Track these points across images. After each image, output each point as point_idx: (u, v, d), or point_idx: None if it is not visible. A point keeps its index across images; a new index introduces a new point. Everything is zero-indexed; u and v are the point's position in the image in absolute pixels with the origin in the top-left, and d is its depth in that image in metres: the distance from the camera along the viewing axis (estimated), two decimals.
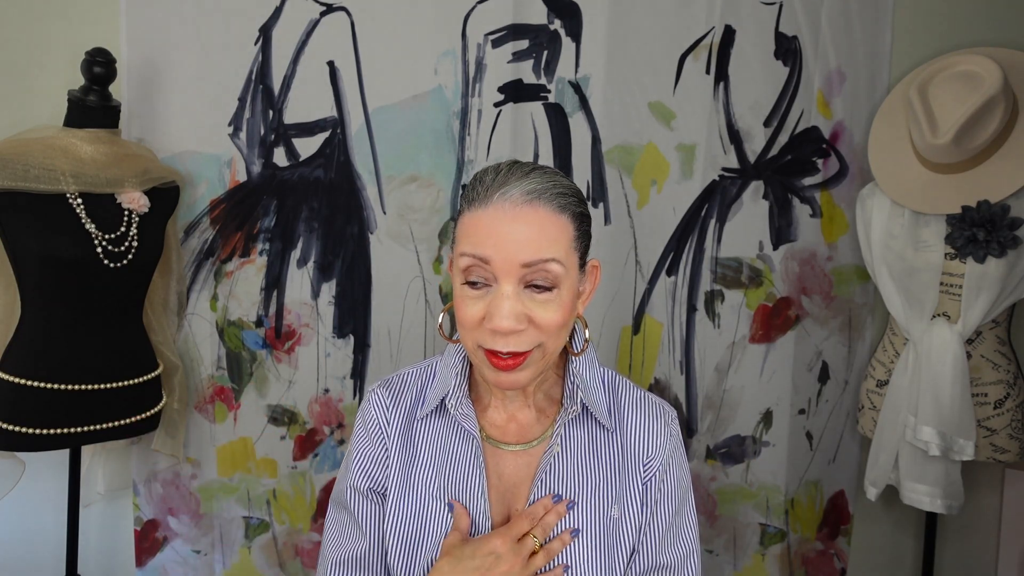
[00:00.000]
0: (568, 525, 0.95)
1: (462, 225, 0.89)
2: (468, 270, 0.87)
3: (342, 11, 1.75)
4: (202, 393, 1.82)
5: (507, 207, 0.86)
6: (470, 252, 0.87)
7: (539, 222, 0.86)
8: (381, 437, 1.01)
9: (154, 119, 1.74)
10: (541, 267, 0.86)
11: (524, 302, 0.86)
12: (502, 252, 0.85)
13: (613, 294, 1.82)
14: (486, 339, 0.87)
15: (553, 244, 0.86)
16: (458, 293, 0.90)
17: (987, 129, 1.51)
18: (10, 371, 1.48)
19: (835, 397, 1.87)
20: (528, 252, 0.85)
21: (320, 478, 1.86)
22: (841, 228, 1.82)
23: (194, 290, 1.80)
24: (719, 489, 1.88)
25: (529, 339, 0.87)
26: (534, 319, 0.87)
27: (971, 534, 1.84)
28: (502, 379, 0.90)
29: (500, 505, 0.98)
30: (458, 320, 0.90)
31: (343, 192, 1.79)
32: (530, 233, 0.85)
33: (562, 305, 0.88)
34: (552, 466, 0.97)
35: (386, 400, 1.02)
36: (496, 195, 0.86)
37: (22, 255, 1.47)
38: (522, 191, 0.86)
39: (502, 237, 0.85)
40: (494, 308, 0.86)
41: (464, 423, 0.98)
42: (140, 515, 1.84)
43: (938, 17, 1.75)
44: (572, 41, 1.77)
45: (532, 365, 0.90)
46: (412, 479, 0.99)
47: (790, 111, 1.79)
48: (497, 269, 0.86)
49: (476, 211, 0.87)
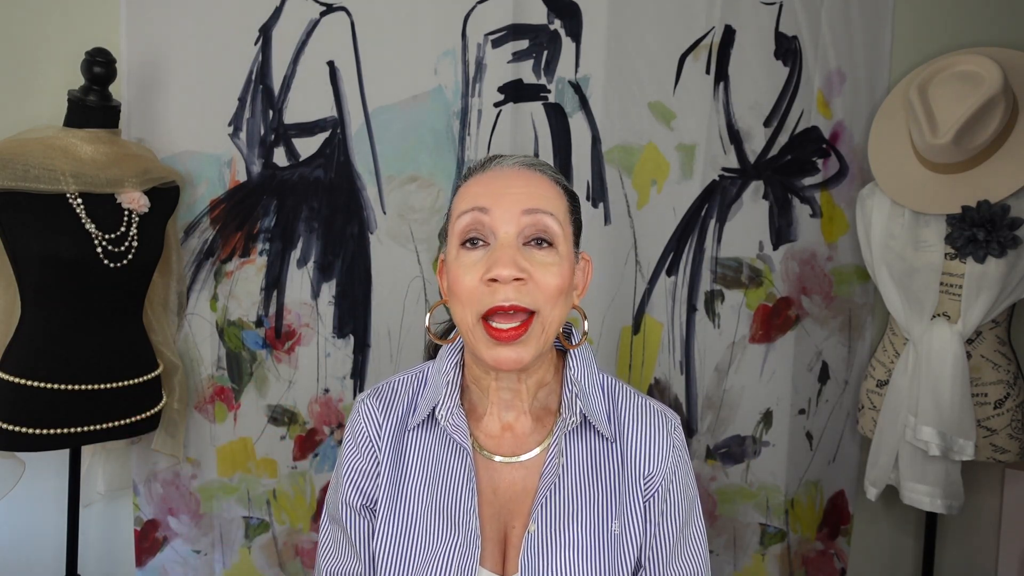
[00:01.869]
0: (568, 541, 0.91)
1: (458, 196, 0.91)
2: (468, 230, 0.87)
3: (342, 11, 1.75)
4: (202, 393, 1.82)
5: (505, 170, 0.91)
6: (468, 207, 0.88)
7: (536, 182, 0.90)
8: (372, 451, 0.96)
9: (154, 119, 1.74)
10: (540, 217, 0.87)
11: (524, 256, 0.86)
12: (501, 201, 0.87)
13: (613, 294, 1.82)
14: (485, 300, 0.85)
15: (551, 202, 0.89)
16: (455, 263, 0.88)
17: (987, 129, 1.51)
18: (10, 371, 1.48)
19: (835, 397, 1.87)
20: (527, 200, 0.87)
21: (320, 478, 1.86)
22: (841, 228, 1.82)
23: (194, 290, 1.80)
24: (719, 489, 1.88)
25: (530, 296, 0.85)
26: (533, 275, 0.85)
27: (971, 534, 1.84)
28: (502, 355, 0.85)
29: (495, 521, 0.93)
30: (454, 293, 0.88)
31: (343, 192, 1.79)
32: (529, 188, 0.89)
33: (561, 271, 0.87)
34: (554, 482, 0.92)
35: (377, 411, 0.97)
36: (493, 163, 0.92)
37: (22, 255, 1.47)
38: (519, 160, 0.92)
39: (502, 189, 0.88)
40: (494, 259, 0.85)
41: (455, 435, 0.93)
42: (140, 515, 1.84)
43: (938, 17, 1.75)
44: (572, 41, 1.77)
45: (532, 340, 0.86)
46: (402, 493, 0.94)
47: (790, 111, 1.79)
48: (496, 219, 0.86)
49: (474, 178, 0.91)
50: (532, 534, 0.91)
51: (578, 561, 0.90)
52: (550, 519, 0.92)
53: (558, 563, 0.90)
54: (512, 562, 0.92)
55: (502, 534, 0.93)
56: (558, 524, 0.92)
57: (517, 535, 0.92)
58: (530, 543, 0.91)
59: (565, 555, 0.90)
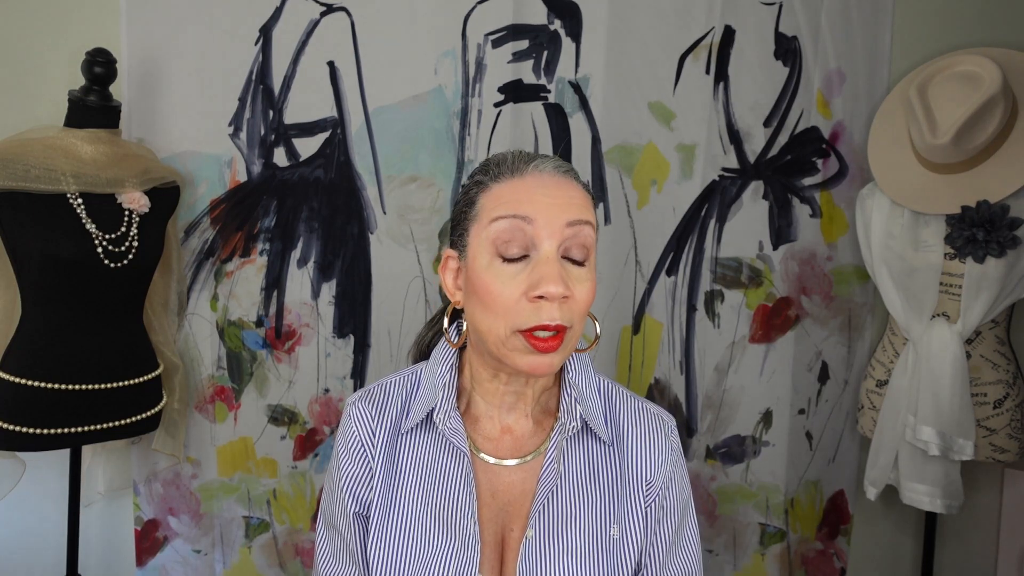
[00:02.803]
0: (567, 546, 0.90)
1: (489, 197, 0.86)
2: (505, 241, 0.83)
3: (342, 11, 1.75)
4: (202, 393, 1.82)
5: (545, 176, 0.86)
6: (509, 213, 0.83)
7: (575, 190, 0.87)
8: (365, 456, 0.94)
9: (154, 119, 1.74)
10: (581, 229, 0.85)
11: (565, 271, 0.84)
12: (546, 212, 0.83)
13: (613, 294, 1.82)
14: (529, 316, 0.82)
15: (588, 212, 0.87)
16: (487, 272, 0.84)
17: (986, 129, 1.51)
18: (10, 371, 1.48)
19: (835, 397, 1.87)
20: (571, 212, 0.85)
21: (320, 478, 1.86)
22: (841, 228, 1.83)
23: (194, 290, 1.80)
24: (719, 489, 1.89)
25: (569, 313, 0.84)
26: (573, 293, 0.84)
27: (971, 534, 1.84)
28: (537, 362, 0.83)
29: (493, 525, 0.92)
30: (486, 304, 0.84)
31: (343, 192, 1.79)
32: (571, 196, 0.86)
33: (593, 286, 0.86)
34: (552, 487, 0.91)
35: (369, 414, 0.95)
36: (530, 166, 0.87)
37: (22, 255, 1.47)
38: (554, 165, 0.88)
39: (545, 199, 0.84)
40: (539, 274, 0.82)
41: (453, 439, 0.91)
42: (140, 515, 1.84)
43: (938, 17, 1.75)
44: (572, 41, 1.77)
45: (565, 349, 0.85)
46: (397, 498, 0.93)
47: (790, 111, 1.79)
48: (540, 229, 0.83)
49: (508, 181, 0.86)
50: (530, 540, 0.90)
51: (577, 566, 0.90)
52: (549, 524, 0.91)
53: (557, 569, 0.90)
54: (510, 566, 0.91)
55: (499, 538, 0.92)
56: (557, 529, 0.91)
57: (515, 539, 0.92)
58: (528, 549, 0.90)
59: (564, 560, 0.90)
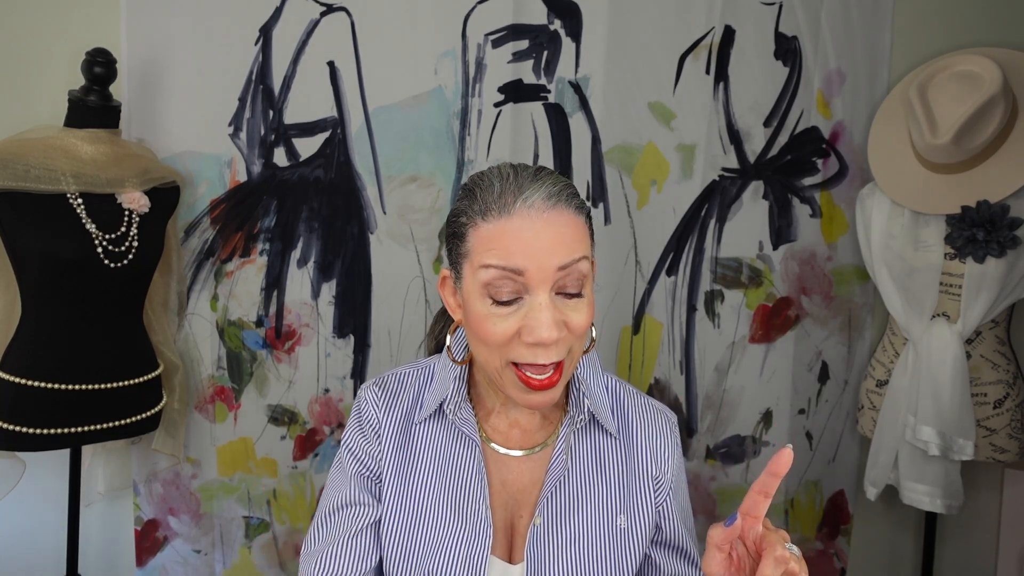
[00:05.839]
0: (574, 534, 0.94)
1: (478, 238, 0.84)
2: (496, 287, 0.83)
3: (342, 11, 1.75)
4: (202, 393, 1.82)
5: (534, 214, 0.82)
6: (499, 264, 0.82)
7: (565, 224, 0.84)
8: (375, 427, 0.98)
9: (154, 119, 1.74)
10: (574, 267, 0.83)
11: (558, 308, 0.84)
12: (536, 260, 0.81)
13: (613, 294, 1.82)
14: (522, 354, 0.84)
15: (581, 244, 0.85)
16: (480, 312, 0.85)
17: (987, 129, 1.51)
18: (10, 371, 1.48)
19: (835, 397, 1.87)
20: (561, 255, 0.82)
21: (320, 478, 1.86)
22: (841, 228, 1.83)
23: (194, 290, 1.80)
24: (719, 489, 1.88)
25: (566, 344, 0.85)
26: (568, 324, 0.84)
27: (971, 534, 1.84)
28: (535, 399, 0.86)
29: (503, 511, 0.95)
30: (481, 339, 0.85)
31: (343, 192, 1.79)
32: (561, 236, 0.83)
33: (589, 305, 0.86)
34: (560, 476, 0.95)
35: (380, 400, 0.99)
36: (518, 202, 0.82)
37: (22, 255, 1.47)
38: (543, 196, 0.83)
39: (534, 245, 0.81)
40: (533, 321, 0.82)
41: (464, 428, 0.95)
42: (140, 515, 1.84)
43: (938, 17, 1.75)
44: (572, 41, 1.77)
45: (564, 376, 0.87)
46: (411, 484, 0.96)
47: (790, 111, 1.79)
48: (532, 278, 0.82)
49: (496, 222, 0.83)
50: (538, 527, 0.93)
51: (583, 554, 0.94)
52: (556, 512, 0.95)
53: (563, 555, 0.93)
54: (519, 550, 0.95)
55: (509, 523, 0.96)
56: (564, 517, 0.95)
57: (524, 524, 0.96)
58: (536, 535, 0.93)
59: (570, 547, 0.94)
